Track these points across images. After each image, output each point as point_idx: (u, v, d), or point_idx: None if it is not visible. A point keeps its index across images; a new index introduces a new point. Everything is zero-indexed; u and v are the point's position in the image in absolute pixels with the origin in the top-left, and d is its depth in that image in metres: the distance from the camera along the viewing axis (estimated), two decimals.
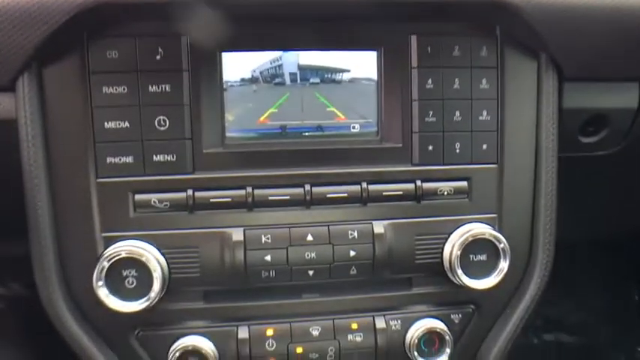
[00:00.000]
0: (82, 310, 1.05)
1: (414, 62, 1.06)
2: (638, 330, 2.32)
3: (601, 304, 2.33)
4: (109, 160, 1.01)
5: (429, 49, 1.06)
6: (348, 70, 1.08)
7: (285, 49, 1.06)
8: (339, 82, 1.08)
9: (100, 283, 0.99)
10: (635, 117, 1.20)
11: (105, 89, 0.99)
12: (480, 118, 1.09)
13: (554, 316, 2.30)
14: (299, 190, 1.04)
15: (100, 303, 1.00)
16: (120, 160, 1.01)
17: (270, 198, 1.04)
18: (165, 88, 1.01)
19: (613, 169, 1.39)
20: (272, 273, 1.04)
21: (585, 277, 2.30)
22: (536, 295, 1.14)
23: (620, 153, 1.27)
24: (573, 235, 1.48)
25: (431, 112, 1.07)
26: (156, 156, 1.02)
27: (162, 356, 1.06)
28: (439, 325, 1.11)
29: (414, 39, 1.06)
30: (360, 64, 1.08)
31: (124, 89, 1.00)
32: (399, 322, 1.11)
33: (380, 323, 1.10)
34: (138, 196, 1.02)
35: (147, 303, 1.00)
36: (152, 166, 1.02)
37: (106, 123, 1.00)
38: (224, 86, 1.05)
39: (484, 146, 1.10)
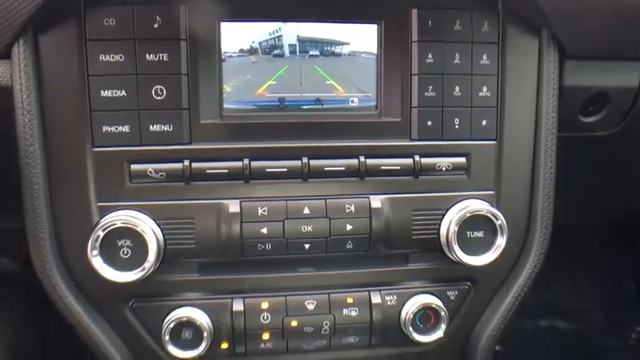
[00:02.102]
0: (76, 280, 1.05)
1: (415, 36, 1.05)
2: (633, 316, 2.33)
3: (596, 290, 2.34)
4: (104, 129, 1.00)
5: (430, 22, 1.05)
6: (348, 43, 1.07)
7: (284, 20, 1.04)
8: (339, 55, 1.07)
9: (95, 252, 0.98)
10: (635, 96, 1.19)
11: (101, 57, 0.98)
12: (480, 94, 1.08)
13: (550, 302, 2.31)
14: (296, 163, 1.04)
15: (94, 273, 0.99)
16: (116, 129, 1.00)
17: (268, 170, 1.03)
18: (162, 57, 0.99)
19: (611, 151, 1.38)
20: (268, 246, 1.03)
21: (581, 263, 2.31)
22: (533, 273, 1.13)
23: (619, 134, 1.27)
24: (570, 219, 1.48)
25: (430, 87, 1.06)
26: (152, 126, 1.01)
27: (157, 328, 1.06)
28: (435, 301, 1.10)
29: (414, 12, 1.05)
30: (361, 38, 1.07)
31: (120, 57, 0.98)
32: (395, 297, 1.11)
33: (375, 298, 1.10)
34: (134, 166, 1.01)
35: (142, 273, 0.99)
36: (148, 136, 1.01)
37: (102, 91, 0.99)
38: (222, 57, 1.04)
39: (483, 122, 1.09)
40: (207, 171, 1.02)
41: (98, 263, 0.99)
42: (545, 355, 2.23)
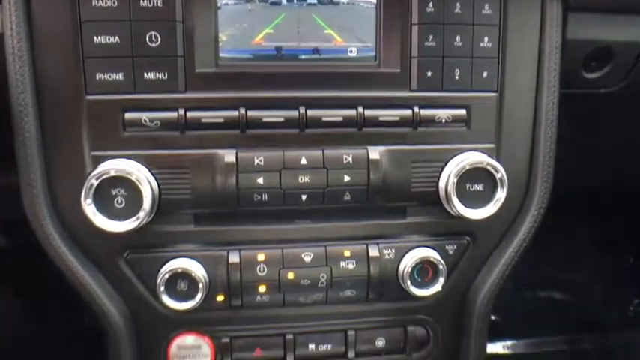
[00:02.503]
0: (70, 231, 1.04)
1: None
2: (631, 288, 2.33)
3: (595, 262, 2.34)
4: (98, 76, 0.98)
5: None
6: None
7: None
8: (337, 3, 1.04)
9: (89, 201, 0.97)
10: None
11: (94, 2, 0.96)
12: (481, 44, 1.06)
13: (549, 273, 2.31)
14: (293, 113, 1.02)
15: (88, 223, 0.98)
16: (110, 76, 0.98)
17: (264, 120, 1.01)
18: (156, 2, 0.97)
19: (614, 110, 1.36)
20: (264, 197, 1.02)
21: (580, 234, 2.30)
22: (533, 228, 1.12)
23: (623, 92, 1.25)
24: (570, 185, 1.47)
25: (431, 37, 1.04)
26: (147, 73, 0.98)
27: (152, 279, 1.05)
28: (433, 254, 1.09)
29: None
30: None
31: (114, 2, 0.96)
32: (393, 250, 1.10)
33: (373, 251, 1.09)
34: (128, 115, 0.99)
35: (136, 223, 0.98)
36: (143, 83, 0.99)
37: (95, 38, 0.96)
38: (218, 4, 1.01)
39: (484, 74, 1.06)
40: (203, 120, 1.00)
41: (92, 212, 0.97)
42: (543, 326, 2.23)
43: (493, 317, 1.70)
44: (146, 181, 0.98)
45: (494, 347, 2.14)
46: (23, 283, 1.70)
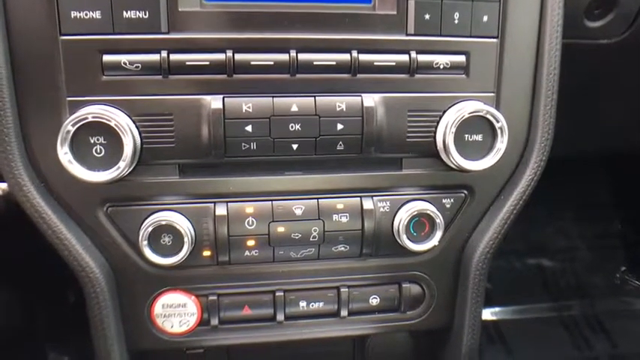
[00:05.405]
0: (46, 182, 0.97)
1: None
2: (618, 256, 2.33)
3: (583, 229, 2.33)
4: (73, 14, 0.91)
5: None
6: None
7: None
8: None
9: (65, 149, 0.91)
10: None
11: None
12: None
13: (537, 241, 2.30)
14: (284, 56, 0.96)
15: (65, 173, 0.92)
16: (86, 15, 0.91)
17: (253, 63, 0.95)
18: None
19: (612, 67, 1.33)
20: (253, 145, 0.96)
21: (568, 202, 2.29)
22: (532, 181, 1.08)
23: (623, 44, 1.21)
24: (562, 149, 1.44)
25: None
26: (126, 12, 0.92)
27: (134, 233, 0.99)
28: (430, 207, 1.05)
29: None
30: None
31: None
32: (388, 204, 1.05)
33: (367, 204, 1.04)
34: (106, 57, 0.93)
35: (116, 172, 0.92)
36: (122, 23, 0.92)
37: None
38: None
39: (485, 18, 1.01)
40: (187, 63, 0.94)
41: (68, 161, 0.91)
42: (532, 293, 2.22)
43: None
44: (127, 129, 0.92)
45: (483, 314, 2.13)
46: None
